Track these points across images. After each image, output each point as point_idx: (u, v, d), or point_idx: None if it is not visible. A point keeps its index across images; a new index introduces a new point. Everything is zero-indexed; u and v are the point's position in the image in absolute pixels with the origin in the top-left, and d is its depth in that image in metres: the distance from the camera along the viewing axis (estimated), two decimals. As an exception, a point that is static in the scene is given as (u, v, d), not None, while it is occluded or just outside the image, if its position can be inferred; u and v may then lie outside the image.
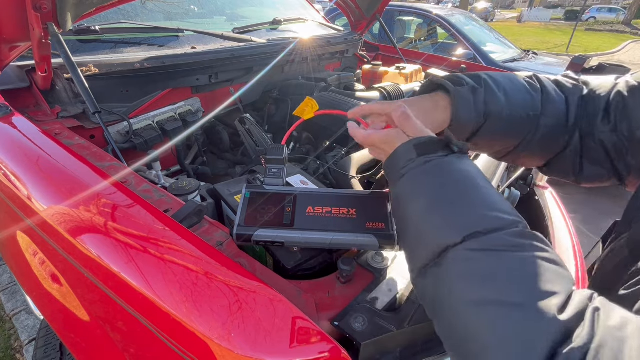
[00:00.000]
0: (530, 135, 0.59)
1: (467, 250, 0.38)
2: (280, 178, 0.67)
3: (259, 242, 0.58)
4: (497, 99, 0.57)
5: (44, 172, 0.69)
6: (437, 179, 0.44)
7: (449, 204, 0.42)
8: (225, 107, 1.37)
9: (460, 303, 0.37)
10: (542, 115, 0.58)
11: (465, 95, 0.57)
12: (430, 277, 0.40)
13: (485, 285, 0.36)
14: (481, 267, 0.37)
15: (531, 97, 0.59)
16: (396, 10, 4.47)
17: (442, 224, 0.41)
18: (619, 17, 23.44)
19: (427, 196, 0.44)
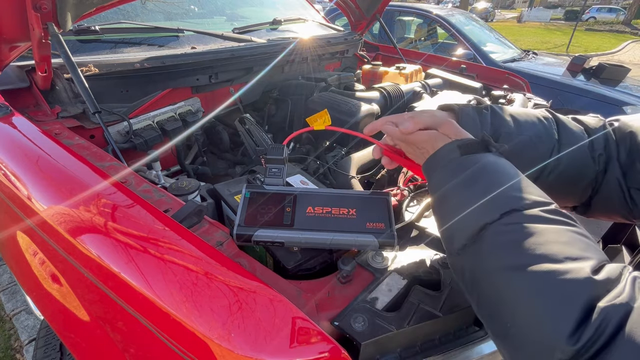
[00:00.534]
0: (552, 164, 0.58)
1: (504, 225, 0.41)
2: (280, 178, 0.67)
3: (259, 242, 0.58)
4: (504, 121, 0.59)
5: (44, 172, 0.69)
6: (475, 168, 0.47)
7: (486, 187, 0.44)
8: (225, 107, 1.37)
9: (499, 270, 0.39)
10: (561, 144, 0.58)
11: (469, 113, 0.59)
12: (469, 254, 0.43)
13: (521, 252, 0.38)
14: (517, 237, 0.39)
15: (543, 126, 0.59)
16: (396, 10, 4.47)
17: (479, 205, 0.43)
18: (619, 17, 23.43)
19: (465, 182, 0.46)
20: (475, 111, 0.59)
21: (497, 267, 0.39)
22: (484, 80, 1.79)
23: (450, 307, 0.54)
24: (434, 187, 0.51)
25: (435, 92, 1.56)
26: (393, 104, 1.39)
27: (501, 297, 0.38)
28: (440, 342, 0.53)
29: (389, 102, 1.38)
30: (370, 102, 1.28)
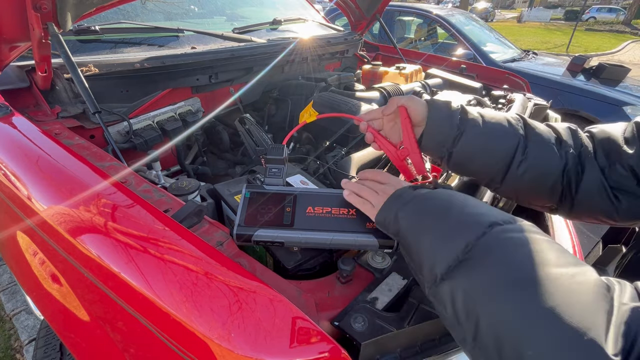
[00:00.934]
0: (520, 157, 0.61)
1: (491, 238, 0.39)
2: (280, 178, 0.67)
3: (259, 242, 0.58)
4: (472, 116, 0.64)
5: (44, 172, 0.69)
6: (438, 200, 0.48)
7: (459, 211, 0.44)
8: (225, 107, 1.37)
9: (504, 285, 0.35)
10: (528, 140, 0.62)
11: (440, 107, 0.65)
12: (458, 276, 0.39)
13: (524, 261, 0.36)
14: (511, 246, 0.37)
15: (509, 123, 0.64)
16: (396, 10, 4.47)
17: (460, 226, 0.42)
18: (619, 17, 23.43)
19: (438, 210, 0.46)
20: (446, 106, 0.64)
21: (498, 283, 0.35)
22: (484, 80, 1.79)
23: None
24: (402, 224, 0.49)
25: (435, 92, 1.56)
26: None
27: (511, 318, 0.33)
28: (440, 342, 0.53)
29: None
30: (370, 102, 1.28)
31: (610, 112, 3.08)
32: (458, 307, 0.38)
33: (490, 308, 0.35)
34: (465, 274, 0.38)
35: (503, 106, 1.42)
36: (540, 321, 0.32)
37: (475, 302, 0.36)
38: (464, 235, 0.40)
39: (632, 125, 0.60)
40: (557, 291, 0.32)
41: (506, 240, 0.38)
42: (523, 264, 0.36)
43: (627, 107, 3.03)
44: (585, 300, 0.31)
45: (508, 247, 0.38)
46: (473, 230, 0.40)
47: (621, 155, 0.58)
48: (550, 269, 0.34)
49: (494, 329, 0.34)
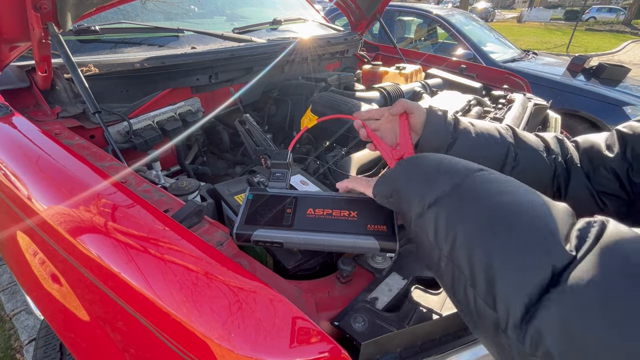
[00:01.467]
0: (511, 163, 0.65)
1: (479, 176, 0.44)
2: (284, 182, 0.67)
3: (258, 242, 0.58)
4: (464, 124, 0.69)
5: (44, 172, 0.69)
6: (431, 156, 0.53)
7: (449, 161, 0.49)
8: (225, 107, 1.37)
9: (488, 195, 0.40)
10: (518, 147, 0.66)
11: (437, 116, 0.70)
12: (444, 201, 0.43)
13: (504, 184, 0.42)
14: (492, 180, 0.43)
15: (499, 132, 0.69)
16: (396, 10, 4.47)
17: (448, 171, 0.47)
18: (619, 17, 23.42)
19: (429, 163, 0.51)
20: (443, 115, 0.70)
21: (476, 200, 0.41)
22: (484, 80, 1.79)
23: (450, 307, 0.54)
24: (395, 176, 0.53)
25: (435, 92, 1.56)
26: (393, 103, 1.39)
27: (484, 225, 0.38)
28: (440, 342, 0.53)
29: (389, 102, 1.38)
30: (370, 102, 1.28)
31: (610, 112, 3.08)
32: (440, 229, 0.42)
33: (466, 224, 0.40)
34: (450, 200, 0.43)
35: (503, 106, 1.42)
36: (506, 229, 0.36)
37: (455, 222, 0.41)
38: (452, 177, 0.45)
39: (613, 132, 0.64)
40: (522, 206, 0.38)
41: (485, 177, 0.44)
42: (495, 191, 0.41)
43: (627, 107, 3.03)
44: (553, 215, 0.36)
45: (486, 181, 0.43)
46: (460, 173, 0.45)
47: (603, 159, 0.62)
48: (519, 194, 0.40)
49: (468, 243, 0.38)
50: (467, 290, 0.37)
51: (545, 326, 0.29)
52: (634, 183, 0.59)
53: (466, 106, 1.32)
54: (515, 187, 0.42)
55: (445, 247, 0.41)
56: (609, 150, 0.63)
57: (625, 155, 0.60)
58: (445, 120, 0.69)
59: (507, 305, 0.32)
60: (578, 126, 3.30)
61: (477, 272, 0.36)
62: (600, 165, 0.62)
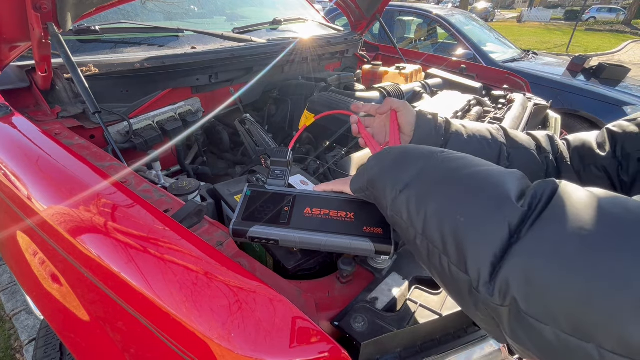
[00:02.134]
0: (504, 164, 0.66)
1: (442, 158, 0.47)
2: (283, 180, 0.67)
3: (254, 239, 0.58)
4: (455, 127, 0.70)
5: (44, 172, 0.69)
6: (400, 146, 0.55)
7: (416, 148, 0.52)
8: (225, 107, 1.37)
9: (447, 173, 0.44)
10: (510, 147, 0.67)
11: (427, 119, 0.71)
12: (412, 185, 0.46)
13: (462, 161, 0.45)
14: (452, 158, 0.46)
15: (490, 133, 0.70)
16: (396, 10, 4.47)
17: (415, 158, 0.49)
18: (619, 17, 23.41)
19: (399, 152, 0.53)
20: (434, 117, 0.71)
21: (441, 175, 0.44)
22: (484, 80, 1.79)
23: (450, 307, 0.54)
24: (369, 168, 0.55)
25: (435, 92, 1.56)
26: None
27: (450, 195, 0.41)
28: (440, 342, 0.53)
29: (389, 102, 1.38)
30: (370, 102, 1.27)
31: (610, 112, 3.08)
32: (411, 209, 0.44)
33: (433, 200, 0.43)
34: (417, 183, 0.46)
35: (503, 106, 1.42)
36: (470, 193, 0.40)
37: (423, 199, 0.44)
38: (418, 162, 0.48)
39: (604, 131, 0.65)
40: (480, 175, 0.41)
41: (447, 156, 0.47)
42: (456, 167, 0.44)
43: (627, 107, 3.03)
44: (502, 177, 0.40)
45: (447, 160, 0.46)
46: (424, 157, 0.48)
47: (595, 157, 0.63)
48: (477, 167, 0.43)
49: (436, 215, 0.41)
50: (441, 260, 0.40)
51: (509, 276, 0.32)
52: (623, 182, 0.60)
53: (466, 106, 1.32)
54: (472, 161, 0.45)
55: (418, 224, 0.43)
56: (600, 149, 0.63)
57: (616, 154, 0.61)
58: (436, 123, 0.70)
59: (476, 266, 0.35)
60: (578, 126, 3.30)
61: (447, 242, 0.39)
62: (592, 164, 0.63)
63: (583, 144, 0.67)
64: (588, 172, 0.64)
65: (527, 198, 0.36)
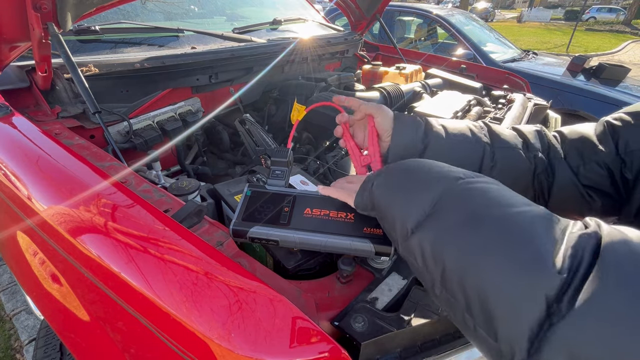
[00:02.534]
0: (488, 165, 0.62)
1: (456, 192, 0.42)
2: (283, 180, 0.67)
3: (254, 239, 0.58)
4: (435, 128, 0.65)
5: (44, 172, 0.69)
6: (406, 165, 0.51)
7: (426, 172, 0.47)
8: (225, 107, 1.37)
9: (463, 224, 0.38)
10: (494, 147, 0.63)
11: (406, 121, 0.67)
12: (426, 228, 0.41)
13: (479, 203, 0.39)
14: (470, 195, 0.41)
15: (472, 131, 0.65)
16: (396, 10, 4.47)
17: (426, 185, 0.45)
18: (619, 17, 23.41)
19: (406, 174, 0.49)
20: (412, 121, 0.66)
21: (461, 224, 0.38)
22: (484, 80, 1.79)
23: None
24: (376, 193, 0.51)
25: (435, 92, 1.56)
26: (393, 104, 1.39)
27: (473, 251, 0.36)
28: (440, 342, 0.53)
29: (389, 102, 1.38)
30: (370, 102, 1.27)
31: (610, 112, 3.07)
32: (427, 256, 0.40)
33: (452, 251, 0.37)
34: (432, 225, 0.41)
35: (503, 106, 1.42)
36: (495, 251, 0.34)
37: (441, 249, 0.39)
38: (431, 191, 0.43)
39: (603, 124, 0.60)
40: (508, 225, 0.35)
41: (466, 191, 0.41)
42: (478, 207, 0.39)
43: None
44: (535, 230, 0.34)
45: (467, 196, 0.41)
46: (438, 186, 0.43)
47: (597, 153, 0.59)
48: (503, 209, 0.37)
49: (458, 268, 0.36)
50: (465, 318, 0.36)
51: (553, 356, 0.28)
52: (625, 179, 0.57)
53: (466, 106, 1.32)
54: (496, 197, 0.39)
55: (436, 274, 0.39)
56: (602, 144, 0.59)
57: (619, 150, 0.57)
58: (415, 126, 0.66)
59: (510, 342, 0.31)
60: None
61: (472, 303, 0.35)
62: (593, 161, 0.59)
63: (582, 137, 0.62)
64: (588, 169, 0.59)
65: (565, 260, 0.31)
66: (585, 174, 0.60)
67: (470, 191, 0.41)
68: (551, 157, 0.63)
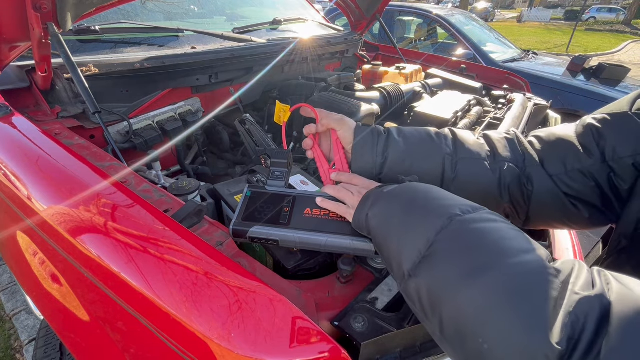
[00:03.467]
0: (449, 176, 0.60)
1: (450, 232, 0.40)
2: (283, 180, 0.67)
3: (254, 239, 0.58)
4: (394, 139, 0.63)
5: (44, 172, 0.69)
6: (405, 196, 0.48)
7: (422, 206, 0.45)
8: (225, 107, 1.37)
9: (458, 278, 0.36)
10: (458, 157, 0.61)
11: (364, 132, 0.64)
12: (422, 272, 0.40)
13: (476, 254, 0.37)
14: (466, 240, 0.38)
15: (431, 140, 0.63)
16: (396, 10, 4.47)
17: (422, 221, 0.43)
18: (619, 17, 23.42)
19: (401, 206, 0.47)
20: (370, 134, 0.64)
21: (455, 276, 0.36)
22: (484, 80, 1.79)
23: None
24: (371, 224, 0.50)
25: (435, 92, 1.56)
26: (393, 104, 1.39)
27: (467, 308, 0.34)
28: (440, 342, 0.53)
29: (389, 102, 1.38)
30: (370, 102, 1.28)
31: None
32: (424, 303, 0.39)
33: (449, 302, 0.36)
34: (428, 270, 0.39)
35: (503, 106, 1.42)
36: (489, 313, 0.32)
37: (438, 298, 0.37)
38: (426, 231, 0.41)
39: (585, 127, 0.55)
40: (505, 281, 0.33)
41: (463, 233, 0.39)
42: (475, 256, 0.37)
43: (627, 107, 3.02)
44: (532, 289, 0.32)
45: (463, 240, 0.39)
46: (433, 225, 0.41)
47: (580, 160, 0.54)
48: (500, 260, 0.35)
49: (454, 323, 0.35)
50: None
51: None
52: (617, 191, 0.51)
53: (466, 106, 1.32)
54: (493, 246, 0.36)
55: (434, 324, 0.38)
56: (586, 150, 0.54)
57: (605, 157, 0.51)
58: (374, 139, 0.63)
59: None
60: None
61: (472, 357, 0.34)
62: (577, 169, 0.54)
63: (561, 142, 0.57)
64: (572, 178, 0.54)
65: (563, 329, 0.28)
66: (567, 183, 0.55)
67: (467, 234, 0.39)
68: (527, 165, 0.58)
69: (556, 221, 0.60)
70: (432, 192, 0.48)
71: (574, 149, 0.55)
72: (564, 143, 0.57)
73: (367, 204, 0.52)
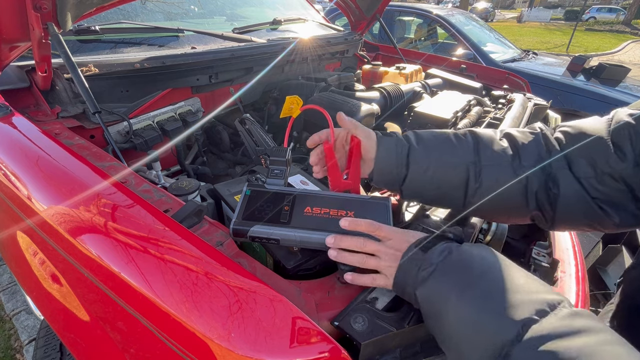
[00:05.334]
0: (473, 185, 0.58)
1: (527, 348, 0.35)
2: (282, 179, 0.67)
3: (254, 239, 0.58)
4: (417, 150, 0.61)
5: (44, 172, 0.69)
6: (462, 275, 0.44)
7: (485, 297, 0.40)
8: (225, 107, 1.37)
9: None
10: (481, 164, 0.58)
11: (388, 143, 0.63)
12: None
13: None
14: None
15: (455, 149, 0.60)
16: (396, 10, 4.47)
17: (488, 320, 0.38)
18: (619, 17, 23.41)
19: (460, 296, 0.42)
20: (394, 145, 0.62)
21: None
22: (484, 80, 1.79)
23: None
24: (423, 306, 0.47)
25: (435, 92, 1.56)
26: (393, 104, 1.39)
27: None
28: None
29: (389, 102, 1.38)
30: (370, 102, 1.28)
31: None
32: None
33: None
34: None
35: (503, 106, 1.42)
36: None
37: None
38: (499, 331, 0.37)
39: (624, 128, 0.50)
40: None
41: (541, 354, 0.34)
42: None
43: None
44: None
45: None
46: (506, 328, 0.36)
47: (610, 163, 0.49)
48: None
49: None
50: None
51: None
52: None
53: (466, 106, 1.32)
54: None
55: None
56: (618, 150, 0.49)
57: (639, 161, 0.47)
58: (397, 149, 0.61)
59: None
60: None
61: None
62: (607, 173, 0.49)
63: (591, 141, 0.52)
64: (601, 181, 0.50)
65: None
66: (596, 187, 0.51)
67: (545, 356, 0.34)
68: (553, 167, 0.55)
69: (583, 224, 0.56)
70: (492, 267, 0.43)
71: (605, 149, 0.50)
72: (593, 142, 0.52)
73: (412, 273, 0.48)
